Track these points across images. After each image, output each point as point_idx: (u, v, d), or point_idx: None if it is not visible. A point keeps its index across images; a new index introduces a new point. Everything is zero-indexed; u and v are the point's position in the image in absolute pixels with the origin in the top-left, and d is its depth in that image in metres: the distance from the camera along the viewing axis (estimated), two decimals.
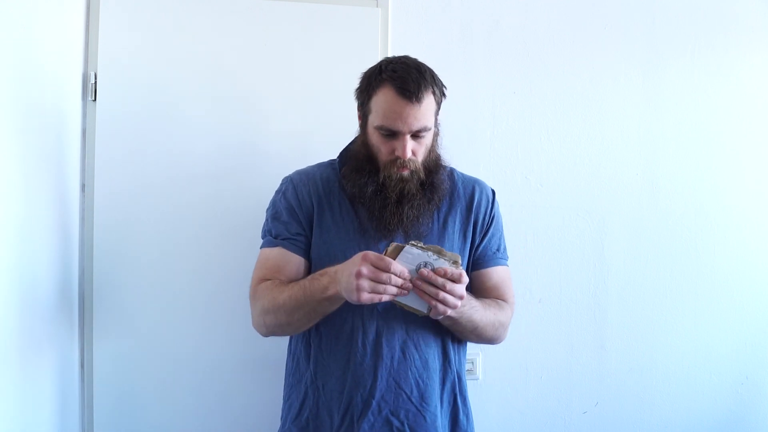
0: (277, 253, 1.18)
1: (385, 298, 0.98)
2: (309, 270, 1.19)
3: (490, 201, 1.27)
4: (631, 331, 1.79)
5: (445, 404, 1.21)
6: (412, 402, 1.15)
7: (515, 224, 1.72)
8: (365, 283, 0.96)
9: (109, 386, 1.51)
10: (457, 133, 1.69)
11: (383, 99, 1.10)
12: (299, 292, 1.07)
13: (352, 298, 0.98)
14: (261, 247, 1.22)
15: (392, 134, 1.11)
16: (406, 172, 1.13)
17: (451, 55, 1.71)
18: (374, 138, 1.14)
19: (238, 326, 1.55)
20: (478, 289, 1.23)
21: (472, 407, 1.28)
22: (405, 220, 1.14)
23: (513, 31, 1.74)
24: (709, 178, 1.83)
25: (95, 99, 1.50)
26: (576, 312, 1.77)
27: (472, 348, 1.68)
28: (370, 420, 1.13)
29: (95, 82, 1.50)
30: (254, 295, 1.17)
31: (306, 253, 1.19)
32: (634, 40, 1.80)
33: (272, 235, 1.20)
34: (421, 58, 1.19)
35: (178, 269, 1.54)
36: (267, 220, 1.24)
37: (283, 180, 1.27)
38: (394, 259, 1.00)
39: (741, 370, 1.85)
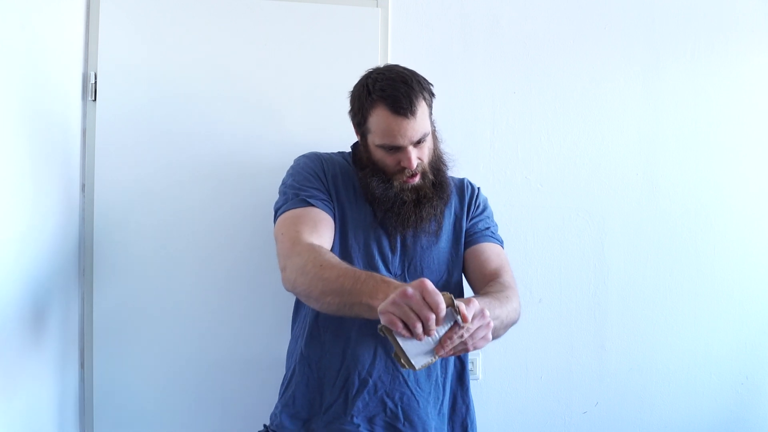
0: (309, 210, 1.13)
1: (404, 332, 0.86)
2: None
3: (476, 191, 1.34)
4: (631, 331, 1.79)
5: (447, 392, 1.22)
6: (407, 386, 1.17)
7: (515, 224, 1.73)
8: (402, 306, 0.84)
9: (109, 386, 1.51)
10: (457, 133, 1.70)
11: (378, 120, 1.12)
12: (350, 281, 0.96)
13: (381, 307, 0.87)
14: (283, 210, 1.15)
15: (395, 149, 1.14)
16: (417, 180, 1.17)
17: (451, 55, 1.71)
18: (378, 154, 1.17)
19: (239, 327, 1.56)
20: (473, 266, 1.25)
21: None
22: (424, 216, 1.17)
23: (513, 31, 1.74)
24: (709, 178, 1.83)
25: (95, 99, 1.50)
26: (576, 312, 1.77)
27: None
28: (365, 399, 1.15)
29: (95, 82, 1.50)
30: (294, 248, 1.06)
31: (334, 217, 1.18)
32: (634, 40, 1.80)
33: (300, 197, 1.15)
34: (421, 58, 1.20)
35: (179, 269, 1.54)
36: (290, 185, 1.19)
37: (302, 155, 1.27)
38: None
39: (741, 370, 1.85)
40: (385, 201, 1.17)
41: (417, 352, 0.91)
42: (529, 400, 1.75)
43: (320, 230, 1.12)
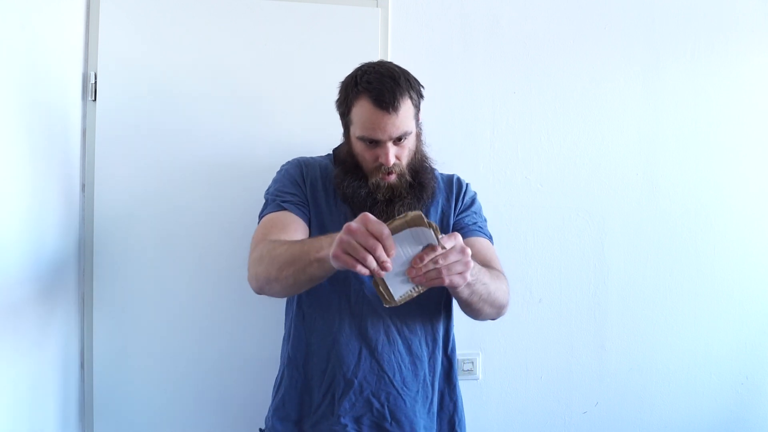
0: (282, 214, 1.17)
1: (360, 269, 0.85)
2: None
3: (465, 187, 1.32)
4: (631, 331, 1.79)
5: (435, 391, 1.22)
6: (393, 386, 1.16)
7: (515, 224, 1.73)
8: (348, 242, 0.84)
9: (109, 386, 1.51)
10: (457, 133, 1.70)
11: (361, 111, 1.13)
12: (297, 247, 1.00)
13: (330, 252, 0.88)
14: (261, 216, 1.20)
15: (374, 142, 1.14)
16: (393, 178, 1.16)
17: (451, 55, 1.71)
18: (358, 147, 1.17)
19: (239, 326, 1.56)
20: None
21: (472, 407, 1.29)
22: (396, 215, 1.14)
23: (513, 31, 1.74)
24: (709, 178, 1.83)
25: (95, 99, 1.50)
26: (576, 312, 1.77)
27: (472, 348, 1.68)
28: (351, 399, 1.15)
29: (95, 82, 1.50)
30: (254, 248, 1.12)
31: (309, 221, 1.20)
32: (634, 40, 1.80)
33: (276, 202, 1.19)
34: (421, 58, 1.20)
35: (178, 269, 1.54)
36: (271, 192, 1.24)
37: (287, 162, 1.30)
38: (409, 227, 0.88)
39: (741, 370, 1.85)
40: (356, 199, 1.17)
41: (395, 278, 0.93)
42: (529, 400, 1.75)
43: (289, 231, 1.13)
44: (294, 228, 1.15)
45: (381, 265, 0.86)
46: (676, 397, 1.82)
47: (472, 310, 1.14)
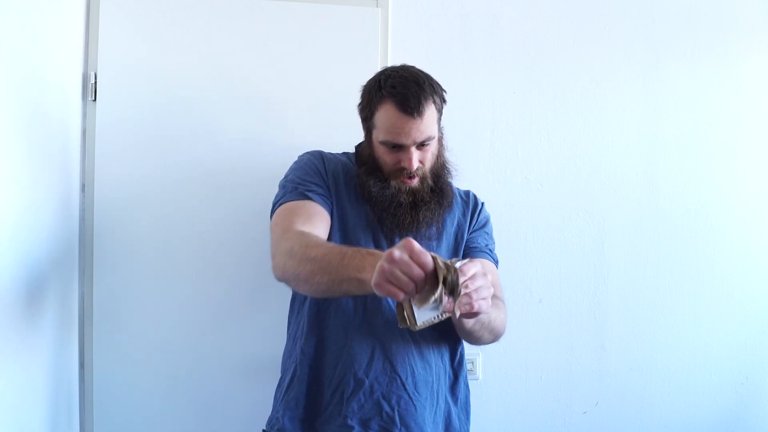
0: (306, 203, 1.14)
1: (401, 297, 0.83)
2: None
3: (480, 206, 1.33)
4: (631, 331, 1.79)
5: (441, 402, 1.20)
6: (405, 389, 1.13)
7: (515, 224, 1.73)
8: (391, 271, 0.81)
9: (109, 386, 1.51)
10: (457, 133, 1.69)
11: (385, 116, 1.12)
12: (337, 257, 0.95)
13: (374, 280, 0.84)
14: (281, 203, 1.16)
15: (398, 147, 1.14)
16: (415, 182, 1.17)
17: (451, 55, 1.71)
18: (380, 151, 1.17)
19: (239, 328, 1.56)
20: None
21: (472, 407, 1.27)
22: (421, 219, 1.17)
23: (513, 31, 1.74)
24: (709, 178, 1.83)
25: (95, 99, 1.50)
26: (576, 312, 1.77)
27: (472, 348, 1.68)
28: (360, 400, 1.12)
29: (95, 82, 1.50)
30: (284, 236, 1.07)
31: (331, 214, 1.18)
32: (634, 40, 1.80)
33: (298, 191, 1.16)
34: (421, 58, 1.20)
35: (178, 269, 1.54)
36: (290, 180, 1.20)
37: (305, 152, 1.27)
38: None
39: (741, 370, 1.85)
40: (382, 201, 1.17)
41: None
42: (529, 400, 1.75)
43: (314, 222, 1.11)
44: (319, 219, 1.13)
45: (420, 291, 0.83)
46: (676, 397, 1.82)
47: (473, 338, 1.15)
